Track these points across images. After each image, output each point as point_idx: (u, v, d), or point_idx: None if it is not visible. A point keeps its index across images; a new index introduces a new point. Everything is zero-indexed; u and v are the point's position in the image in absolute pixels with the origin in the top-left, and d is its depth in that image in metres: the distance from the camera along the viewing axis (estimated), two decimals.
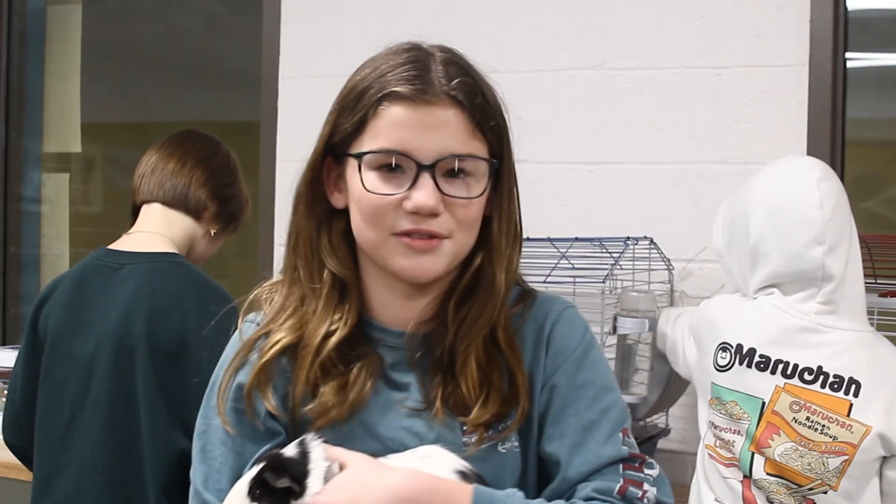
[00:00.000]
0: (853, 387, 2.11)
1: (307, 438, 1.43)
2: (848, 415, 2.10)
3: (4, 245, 4.38)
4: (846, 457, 2.11)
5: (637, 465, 1.49)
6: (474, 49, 1.59)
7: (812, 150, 2.91)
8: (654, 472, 1.50)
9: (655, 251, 2.88)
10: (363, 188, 1.45)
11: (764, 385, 2.17)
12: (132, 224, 2.56)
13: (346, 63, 3.56)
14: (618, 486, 1.46)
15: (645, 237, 2.86)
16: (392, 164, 1.45)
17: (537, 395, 1.53)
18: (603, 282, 2.62)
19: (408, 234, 1.45)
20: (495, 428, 1.50)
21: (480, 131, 1.48)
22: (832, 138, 2.91)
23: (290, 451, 1.42)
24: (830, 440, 2.11)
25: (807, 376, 2.14)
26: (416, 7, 3.42)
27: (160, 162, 2.56)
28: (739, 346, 2.21)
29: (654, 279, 2.86)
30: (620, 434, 1.50)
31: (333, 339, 1.49)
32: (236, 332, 1.59)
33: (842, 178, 2.92)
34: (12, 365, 3.53)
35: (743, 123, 3.00)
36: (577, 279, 2.67)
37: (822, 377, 2.13)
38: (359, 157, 1.46)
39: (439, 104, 1.45)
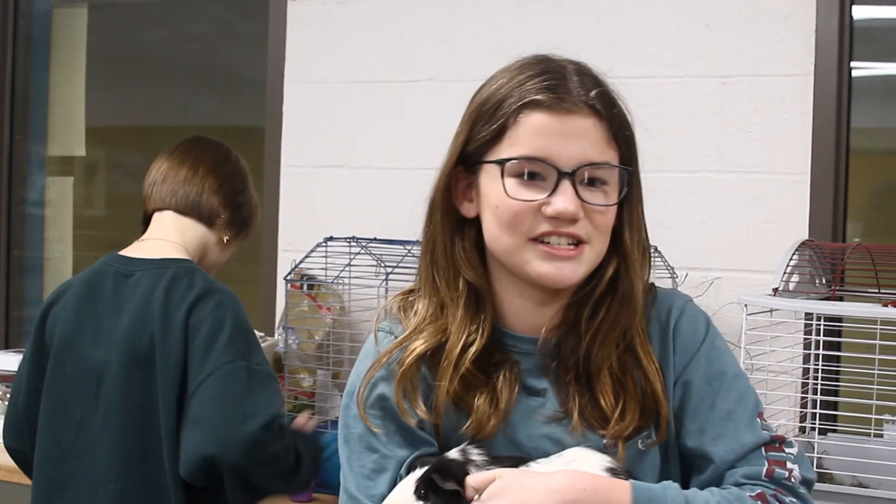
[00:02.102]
0: None
1: (467, 447, 1.47)
2: None
3: (8, 248, 4.38)
4: None
5: (777, 445, 1.52)
6: (480, 58, 1.60)
7: (816, 160, 2.92)
8: (793, 451, 1.52)
9: (659, 259, 2.87)
10: (504, 194, 1.47)
11: None
12: (143, 231, 2.57)
13: (351, 68, 3.59)
14: (764, 469, 1.48)
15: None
16: (532, 172, 1.47)
17: (670, 392, 1.55)
18: None
19: (546, 241, 1.47)
20: (635, 441, 1.52)
21: (615, 141, 1.51)
22: (837, 147, 2.91)
23: (454, 455, 1.45)
24: None
25: None
26: (423, 15, 3.42)
27: (171, 169, 2.56)
28: None
29: None
30: (758, 419, 1.53)
31: (472, 350, 1.51)
32: (369, 342, 1.61)
33: (846, 187, 2.93)
34: (16, 368, 3.58)
35: (747, 132, 3.00)
36: None
37: None
38: (501, 163, 1.48)
39: (578, 113, 1.47)
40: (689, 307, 1.62)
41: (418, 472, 1.43)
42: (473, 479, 1.42)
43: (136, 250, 2.50)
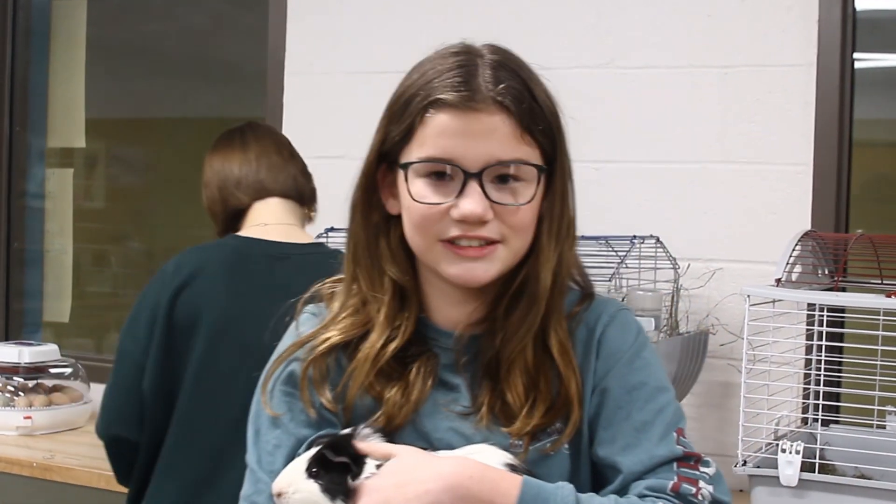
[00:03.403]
0: None
1: (361, 429, 1.45)
2: None
3: (8, 240, 4.38)
4: None
5: (692, 463, 1.47)
6: None
7: (819, 151, 2.91)
8: (710, 471, 1.48)
9: (661, 250, 2.87)
10: (410, 197, 1.46)
11: None
12: (225, 225, 2.57)
13: (351, 59, 3.59)
14: (671, 483, 1.44)
15: (651, 236, 2.86)
16: (439, 173, 1.45)
17: (587, 399, 1.52)
18: (609, 280, 2.61)
19: (456, 242, 1.45)
20: (540, 439, 1.49)
21: (530, 135, 1.47)
22: (839, 139, 2.91)
23: (348, 433, 1.45)
24: None
25: None
26: (423, 5, 3.41)
27: (260, 158, 2.56)
28: None
29: (660, 278, 2.85)
30: (675, 434, 1.48)
31: (392, 347, 1.50)
32: (293, 323, 1.60)
33: (848, 179, 2.93)
34: (17, 360, 3.58)
35: (750, 123, 3.00)
36: None
37: None
38: (405, 167, 1.46)
39: (485, 110, 1.44)
40: (621, 315, 1.57)
41: (313, 451, 1.43)
42: (372, 447, 1.42)
43: (268, 233, 2.48)
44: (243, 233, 2.51)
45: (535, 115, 1.48)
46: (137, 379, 2.40)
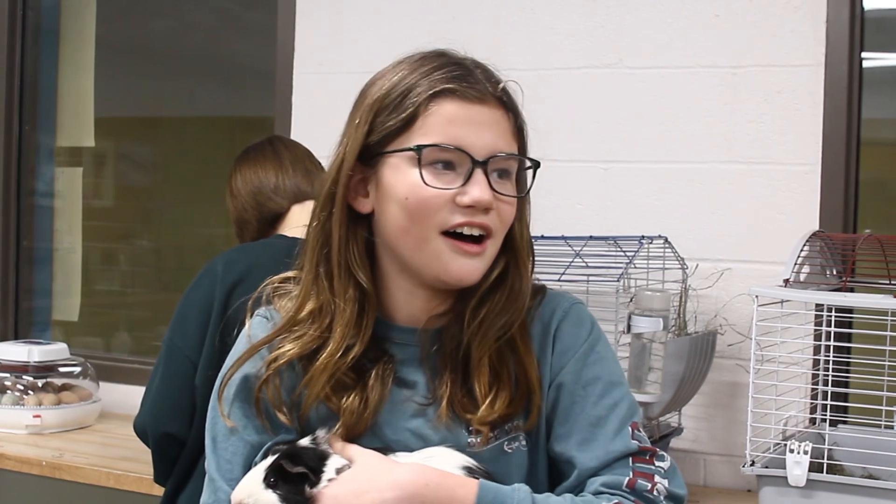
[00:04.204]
0: None
1: (319, 434, 1.46)
2: None
3: (17, 239, 4.38)
4: None
5: (647, 457, 1.49)
6: (490, 47, 1.60)
7: (827, 151, 2.91)
8: (665, 465, 1.49)
9: (670, 250, 2.87)
10: (418, 182, 1.45)
11: None
12: (258, 234, 2.62)
13: (361, 58, 3.59)
14: (627, 479, 1.46)
15: (659, 236, 2.86)
16: (446, 161, 1.45)
17: (544, 393, 1.53)
18: (617, 280, 2.61)
19: (458, 235, 1.45)
20: (501, 428, 1.50)
21: (518, 135, 1.51)
22: (847, 138, 2.91)
23: (304, 443, 1.46)
24: None
25: None
26: (432, 4, 3.42)
27: (288, 168, 2.65)
28: None
29: (668, 278, 2.86)
30: (630, 428, 1.50)
31: (351, 355, 1.49)
32: (244, 328, 1.59)
33: (857, 178, 2.93)
34: (26, 359, 3.59)
35: (758, 123, 3.00)
36: (592, 278, 2.67)
37: None
38: (418, 149, 1.45)
39: (489, 104, 1.47)
40: (574, 309, 1.58)
41: (269, 460, 1.43)
42: (335, 446, 1.44)
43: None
44: (288, 234, 2.55)
45: (522, 117, 1.53)
46: (190, 375, 2.41)
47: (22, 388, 3.55)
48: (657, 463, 1.49)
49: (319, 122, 3.59)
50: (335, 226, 1.51)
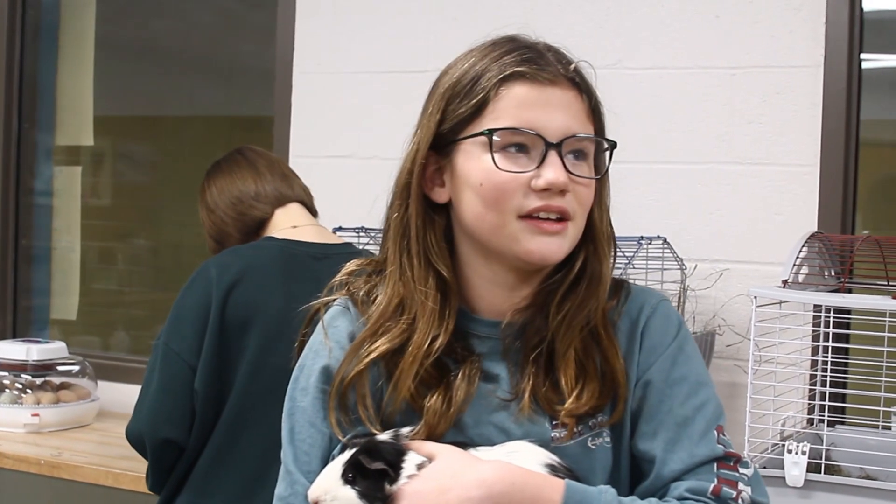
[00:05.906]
0: None
1: (401, 430, 1.44)
2: None
3: (16, 238, 4.38)
4: None
5: (732, 463, 1.46)
6: None
7: (826, 151, 2.91)
8: (748, 472, 1.47)
9: (668, 251, 2.87)
10: (491, 168, 1.43)
11: None
12: (250, 235, 2.61)
13: (361, 58, 3.59)
14: (712, 485, 1.43)
15: (658, 237, 2.86)
16: (519, 144, 1.44)
17: (631, 390, 1.50)
18: None
19: (535, 216, 1.43)
20: (586, 423, 1.48)
21: (594, 115, 1.51)
22: (846, 139, 2.91)
23: (383, 437, 1.43)
24: None
25: None
26: (432, 4, 3.42)
27: (265, 173, 2.65)
28: None
29: (667, 279, 2.86)
30: (715, 432, 1.47)
31: (436, 346, 1.47)
32: (329, 315, 1.58)
33: (855, 179, 2.93)
34: (24, 358, 3.59)
35: (757, 124, 3.00)
36: None
37: None
38: (490, 133, 1.44)
39: (560, 85, 1.46)
40: (662, 307, 1.56)
41: (347, 455, 1.41)
42: (415, 444, 1.41)
43: (302, 234, 2.56)
44: (279, 235, 2.55)
45: (597, 98, 1.52)
46: (188, 380, 2.41)
47: (20, 386, 3.55)
48: (741, 469, 1.46)
49: (319, 123, 3.59)
50: (412, 216, 1.50)
